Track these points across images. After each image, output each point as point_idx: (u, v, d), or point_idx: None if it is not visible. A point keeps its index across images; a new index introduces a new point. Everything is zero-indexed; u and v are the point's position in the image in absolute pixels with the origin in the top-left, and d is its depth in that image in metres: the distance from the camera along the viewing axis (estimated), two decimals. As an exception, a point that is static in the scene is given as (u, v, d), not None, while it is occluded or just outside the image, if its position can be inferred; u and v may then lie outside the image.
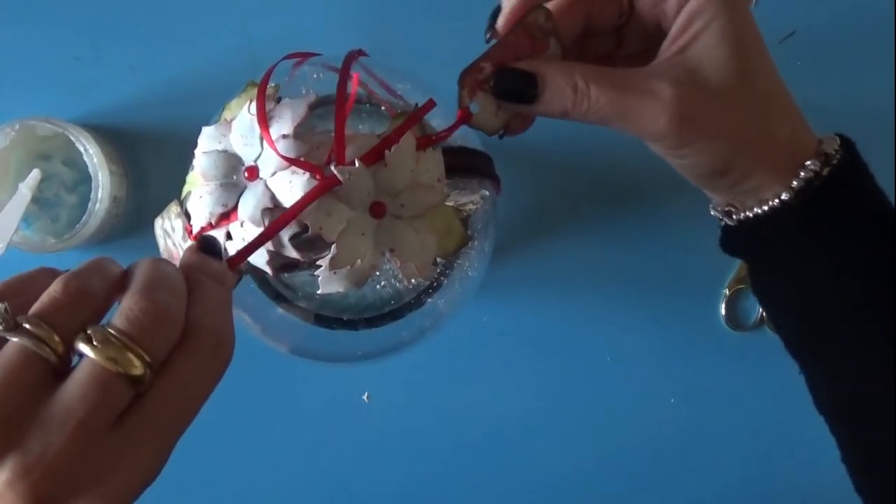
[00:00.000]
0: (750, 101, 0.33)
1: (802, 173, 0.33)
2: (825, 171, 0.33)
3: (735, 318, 0.55)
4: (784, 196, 0.33)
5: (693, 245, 0.55)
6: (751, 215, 0.35)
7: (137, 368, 0.25)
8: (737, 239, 0.37)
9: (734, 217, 0.36)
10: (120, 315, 0.26)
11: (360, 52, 0.38)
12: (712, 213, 0.38)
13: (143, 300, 0.26)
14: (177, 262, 0.34)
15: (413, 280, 0.40)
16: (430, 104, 0.34)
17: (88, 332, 0.25)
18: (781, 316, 0.37)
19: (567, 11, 0.35)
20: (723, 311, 0.55)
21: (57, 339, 0.25)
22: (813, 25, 0.54)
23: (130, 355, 0.25)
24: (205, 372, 0.27)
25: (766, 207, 0.34)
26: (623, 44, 0.37)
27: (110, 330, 0.25)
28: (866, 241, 0.34)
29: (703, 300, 0.56)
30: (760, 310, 0.55)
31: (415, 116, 0.34)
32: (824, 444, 0.54)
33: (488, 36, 0.35)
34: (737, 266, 0.55)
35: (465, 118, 0.34)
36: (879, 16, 0.55)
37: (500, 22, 0.35)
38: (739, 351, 0.55)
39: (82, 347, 0.25)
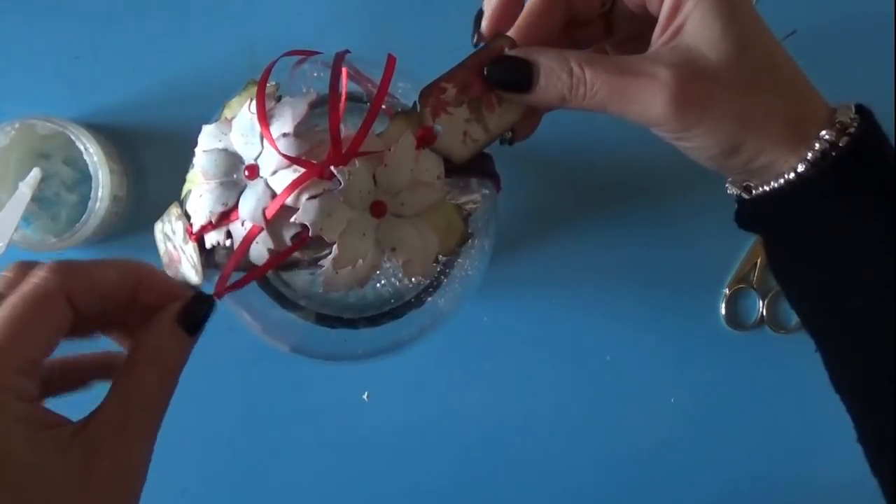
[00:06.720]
0: (752, 76, 0.32)
1: (817, 145, 0.32)
2: (842, 141, 0.32)
3: (735, 318, 0.55)
4: (800, 168, 0.32)
5: (693, 245, 0.55)
6: (767, 189, 0.34)
7: None
8: (753, 213, 0.36)
9: (752, 192, 0.35)
10: None
11: (346, 52, 0.38)
12: (728, 189, 0.37)
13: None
14: (177, 265, 0.34)
15: (413, 279, 0.40)
16: (392, 60, 0.33)
17: None
18: (798, 292, 0.36)
19: (548, 1, 0.34)
20: (723, 311, 0.55)
21: None
22: (814, 25, 0.54)
23: None
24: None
25: (781, 181, 0.33)
26: (613, 31, 0.36)
27: None
28: (888, 214, 0.32)
29: (703, 300, 0.56)
30: (761, 310, 0.55)
31: (383, 85, 0.33)
32: (824, 443, 0.54)
33: (475, 39, 0.35)
34: (737, 266, 0.55)
35: (429, 139, 0.33)
36: (880, 15, 0.55)
37: (485, 25, 0.34)
38: (739, 351, 0.55)
39: None
